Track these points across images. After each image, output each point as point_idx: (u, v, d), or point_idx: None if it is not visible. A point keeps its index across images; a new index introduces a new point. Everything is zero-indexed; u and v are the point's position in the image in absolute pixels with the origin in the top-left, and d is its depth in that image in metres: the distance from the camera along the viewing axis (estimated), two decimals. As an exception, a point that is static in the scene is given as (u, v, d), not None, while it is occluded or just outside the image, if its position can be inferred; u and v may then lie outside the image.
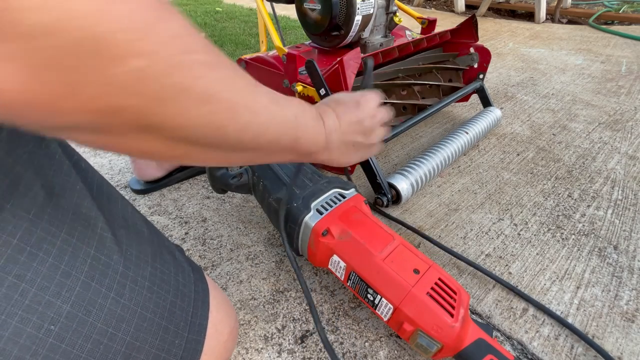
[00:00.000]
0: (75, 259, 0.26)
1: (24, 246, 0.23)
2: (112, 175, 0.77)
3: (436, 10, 2.62)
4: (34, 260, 0.24)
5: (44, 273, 0.24)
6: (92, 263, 0.26)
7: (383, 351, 0.44)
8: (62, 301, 0.24)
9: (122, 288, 0.28)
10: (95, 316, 0.26)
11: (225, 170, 0.53)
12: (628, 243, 0.60)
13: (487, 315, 0.48)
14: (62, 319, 0.24)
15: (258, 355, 0.44)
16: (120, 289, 0.27)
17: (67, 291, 0.25)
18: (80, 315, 0.25)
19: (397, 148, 0.87)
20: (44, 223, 0.25)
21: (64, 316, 0.24)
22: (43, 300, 0.23)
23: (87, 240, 0.27)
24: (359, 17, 0.72)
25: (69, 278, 0.25)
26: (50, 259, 0.24)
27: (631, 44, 1.72)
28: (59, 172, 0.28)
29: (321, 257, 0.45)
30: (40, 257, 0.24)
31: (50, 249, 0.25)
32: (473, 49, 0.89)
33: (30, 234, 0.24)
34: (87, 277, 0.26)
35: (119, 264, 0.28)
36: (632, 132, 0.94)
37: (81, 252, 0.26)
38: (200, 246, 0.59)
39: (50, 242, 0.25)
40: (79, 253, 0.26)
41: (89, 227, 0.28)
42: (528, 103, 1.11)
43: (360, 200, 0.48)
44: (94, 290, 0.26)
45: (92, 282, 0.26)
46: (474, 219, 0.65)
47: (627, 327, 0.47)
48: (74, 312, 0.25)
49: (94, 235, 0.28)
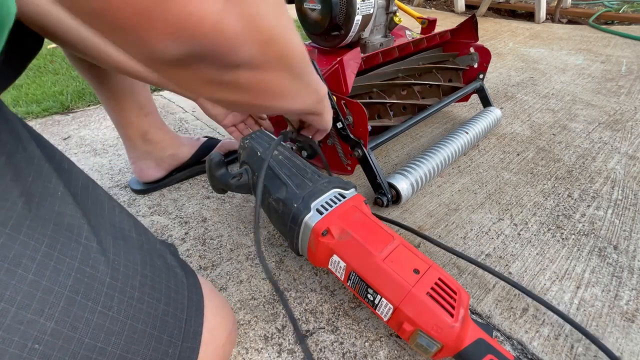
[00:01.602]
0: (57, 274, 0.25)
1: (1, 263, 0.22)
2: (112, 175, 0.77)
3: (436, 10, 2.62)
4: (12, 277, 0.23)
5: (24, 291, 0.23)
6: (76, 276, 0.25)
7: (383, 351, 0.44)
8: (46, 319, 0.23)
9: (110, 300, 0.27)
10: (83, 331, 0.25)
11: (225, 170, 0.53)
12: (628, 243, 0.60)
13: (487, 315, 0.48)
14: (47, 337, 0.23)
15: (258, 355, 0.44)
16: (107, 301, 0.26)
17: (50, 308, 0.24)
18: (66, 331, 0.24)
19: (397, 148, 0.88)
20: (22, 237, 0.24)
21: (48, 334, 0.23)
22: (25, 319, 0.22)
23: (71, 253, 0.26)
24: (359, 17, 0.72)
25: (52, 294, 0.24)
26: (31, 275, 0.23)
27: (631, 44, 1.72)
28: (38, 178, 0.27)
29: (321, 257, 0.45)
30: (20, 274, 0.23)
31: (29, 265, 0.24)
32: (473, 49, 0.89)
33: (8, 249, 0.23)
34: (72, 292, 0.25)
35: (106, 275, 0.27)
36: (632, 132, 0.94)
37: (64, 265, 0.25)
38: (200, 246, 0.59)
39: (30, 257, 0.24)
40: (61, 267, 0.25)
41: (72, 237, 0.27)
42: (528, 103, 1.11)
43: (360, 200, 0.48)
44: (80, 304, 0.25)
45: (77, 296, 0.25)
46: (474, 219, 0.65)
47: (627, 327, 0.47)
48: (58, 329, 0.24)
49: (77, 246, 0.26)
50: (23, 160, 0.27)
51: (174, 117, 1.03)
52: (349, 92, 0.60)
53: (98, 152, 0.86)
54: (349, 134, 0.63)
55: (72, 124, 0.99)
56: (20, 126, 0.28)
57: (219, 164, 0.53)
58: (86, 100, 1.11)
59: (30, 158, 0.27)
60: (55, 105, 1.06)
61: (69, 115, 1.04)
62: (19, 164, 0.26)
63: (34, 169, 0.27)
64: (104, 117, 1.02)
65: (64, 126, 0.97)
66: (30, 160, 0.27)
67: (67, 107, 1.07)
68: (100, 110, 1.06)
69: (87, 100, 1.11)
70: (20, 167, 0.26)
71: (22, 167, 0.26)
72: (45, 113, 1.03)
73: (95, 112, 1.05)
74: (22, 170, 0.26)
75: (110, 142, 0.89)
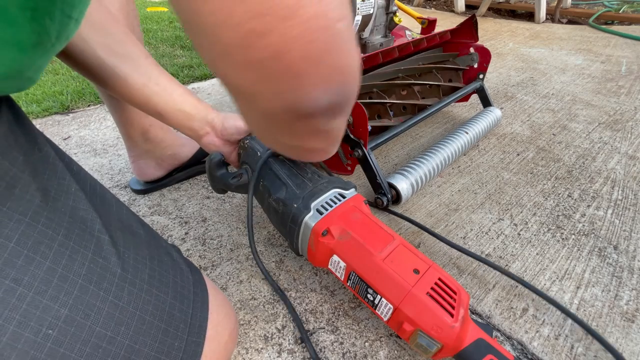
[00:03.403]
0: (72, 262, 0.25)
1: (20, 250, 0.23)
2: (112, 175, 0.77)
3: (436, 10, 2.62)
4: (31, 263, 0.23)
5: (41, 277, 0.24)
6: (90, 266, 0.26)
7: (383, 351, 0.44)
8: (60, 305, 0.24)
9: (121, 291, 0.27)
10: (94, 319, 0.25)
11: (225, 170, 0.53)
12: (628, 243, 0.60)
13: (487, 315, 0.48)
14: (61, 323, 0.24)
15: (258, 355, 0.44)
16: (118, 292, 0.27)
17: (65, 295, 0.24)
18: (79, 319, 0.25)
19: (397, 148, 0.88)
20: (40, 226, 0.25)
21: (62, 320, 0.24)
22: (41, 304, 0.23)
23: (85, 244, 0.27)
24: (359, 17, 0.72)
25: (67, 281, 0.25)
26: (48, 262, 0.24)
27: (631, 44, 1.72)
28: (54, 175, 0.28)
29: (321, 257, 0.45)
30: (38, 261, 0.24)
31: (47, 253, 0.24)
32: (473, 49, 0.89)
33: (27, 237, 0.24)
34: (85, 281, 0.26)
35: (117, 267, 0.28)
36: (632, 132, 0.94)
37: (79, 255, 0.26)
38: (200, 246, 0.59)
39: (48, 246, 0.25)
40: (76, 256, 0.26)
41: (86, 230, 0.28)
42: (528, 103, 1.11)
43: (360, 200, 0.48)
44: (92, 293, 0.26)
45: (90, 285, 0.26)
46: (474, 219, 0.65)
47: (627, 327, 0.47)
48: (72, 316, 0.24)
49: (91, 238, 0.27)
50: (39, 159, 0.28)
51: (174, 117, 1.03)
52: None
53: (98, 152, 0.86)
54: (349, 134, 0.63)
55: (72, 124, 0.99)
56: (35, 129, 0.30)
57: (219, 164, 0.53)
58: (86, 100, 1.11)
59: (45, 157, 0.29)
60: (55, 105, 1.06)
61: (69, 115, 1.04)
62: (36, 163, 0.27)
63: (49, 167, 0.28)
64: (104, 117, 1.02)
65: (64, 126, 0.97)
66: (46, 160, 0.28)
67: (67, 107, 1.07)
68: (100, 111, 1.06)
69: (87, 100, 1.11)
70: (37, 165, 0.27)
71: (39, 165, 0.27)
72: (45, 113, 1.03)
73: (95, 112, 1.05)
74: (39, 168, 0.27)
75: (110, 142, 0.89)
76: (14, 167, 0.25)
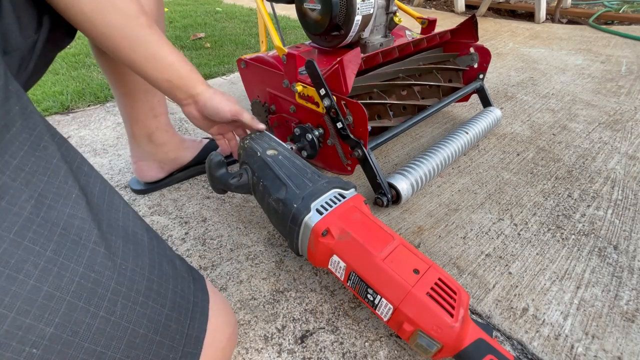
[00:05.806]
0: (60, 279, 0.25)
1: (2, 269, 0.22)
2: (112, 175, 0.77)
3: (436, 10, 2.62)
4: (12, 283, 0.23)
5: (23, 297, 0.23)
6: (80, 282, 0.25)
7: (383, 351, 0.44)
8: (45, 324, 0.23)
9: (113, 305, 0.27)
10: (83, 336, 0.25)
11: (225, 170, 0.53)
12: (628, 243, 0.60)
13: (487, 315, 0.48)
14: (45, 342, 0.23)
15: (258, 355, 0.44)
16: (110, 306, 0.27)
17: (50, 314, 0.24)
18: (66, 336, 0.24)
19: (397, 148, 0.88)
20: (26, 242, 0.24)
21: (47, 339, 0.23)
22: (23, 325, 0.22)
23: (76, 258, 0.26)
24: (359, 17, 0.72)
25: (53, 300, 0.24)
26: (32, 281, 0.23)
27: (631, 44, 1.72)
28: (54, 179, 0.27)
29: (321, 257, 0.45)
30: (20, 280, 0.23)
31: (31, 271, 0.24)
32: (473, 49, 0.89)
33: (10, 255, 0.23)
34: (74, 297, 0.25)
35: (111, 280, 0.27)
36: (632, 132, 0.94)
37: (68, 271, 0.25)
38: (200, 246, 0.59)
39: (33, 263, 0.24)
40: (65, 272, 0.25)
41: (80, 242, 0.27)
42: (528, 103, 1.11)
43: (360, 200, 0.48)
44: (81, 310, 0.25)
45: (79, 301, 0.25)
46: (474, 219, 0.65)
47: (627, 327, 0.47)
48: (58, 334, 0.24)
49: (84, 252, 0.26)
50: (41, 161, 0.27)
51: (173, 117, 1.03)
52: (349, 92, 0.60)
53: (98, 152, 0.86)
54: (349, 134, 0.63)
55: (72, 124, 0.99)
56: (43, 126, 0.29)
57: (218, 164, 0.53)
58: (86, 101, 1.11)
59: (49, 158, 0.28)
60: (55, 105, 1.06)
61: (69, 115, 1.04)
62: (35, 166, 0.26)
63: (51, 170, 0.27)
64: (104, 117, 1.02)
65: (64, 126, 0.97)
66: (49, 160, 0.27)
67: (67, 107, 1.07)
68: (100, 111, 1.06)
69: (87, 100, 1.11)
70: (36, 169, 0.26)
71: (38, 169, 0.26)
72: (45, 113, 1.03)
73: (95, 112, 1.05)
74: (38, 172, 0.26)
75: (110, 142, 0.89)
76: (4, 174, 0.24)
